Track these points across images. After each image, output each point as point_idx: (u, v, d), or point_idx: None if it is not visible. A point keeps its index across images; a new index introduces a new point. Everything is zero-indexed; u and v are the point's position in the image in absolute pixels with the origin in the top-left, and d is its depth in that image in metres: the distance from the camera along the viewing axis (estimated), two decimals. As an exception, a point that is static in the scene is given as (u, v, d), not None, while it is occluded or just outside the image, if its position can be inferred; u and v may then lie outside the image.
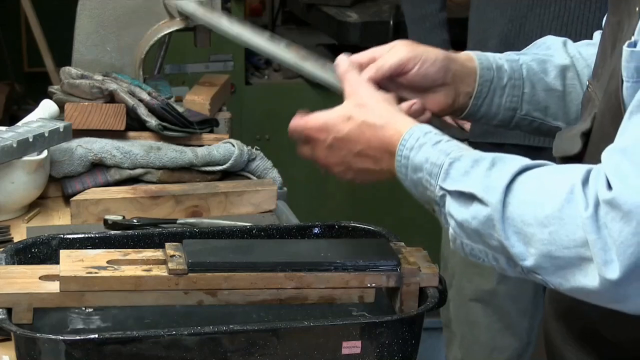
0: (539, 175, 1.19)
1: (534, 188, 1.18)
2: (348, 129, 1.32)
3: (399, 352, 1.30)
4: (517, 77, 1.48)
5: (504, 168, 1.20)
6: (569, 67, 1.50)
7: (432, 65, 1.42)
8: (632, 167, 1.10)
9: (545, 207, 1.15)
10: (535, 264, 1.16)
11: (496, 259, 1.21)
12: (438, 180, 1.23)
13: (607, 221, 1.10)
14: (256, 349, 1.26)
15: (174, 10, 2.24)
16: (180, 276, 1.31)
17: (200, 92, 2.28)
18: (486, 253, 1.21)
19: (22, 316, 1.29)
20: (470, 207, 1.20)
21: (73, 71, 2.12)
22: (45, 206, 1.89)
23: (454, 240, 1.24)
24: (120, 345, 1.22)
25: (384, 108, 1.33)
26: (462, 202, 1.21)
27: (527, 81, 1.48)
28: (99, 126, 1.99)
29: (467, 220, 1.20)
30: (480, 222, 1.19)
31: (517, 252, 1.16)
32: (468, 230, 1.21)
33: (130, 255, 1.36)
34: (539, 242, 1.14)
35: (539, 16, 2.25)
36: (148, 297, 1.32)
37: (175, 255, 1.34)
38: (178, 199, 1.85)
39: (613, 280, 1.10)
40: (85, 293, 1.31)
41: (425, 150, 1.26)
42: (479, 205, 1.19)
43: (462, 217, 1.21)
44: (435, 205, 1.25)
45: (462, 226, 1.21)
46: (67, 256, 1.35)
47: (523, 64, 1.49)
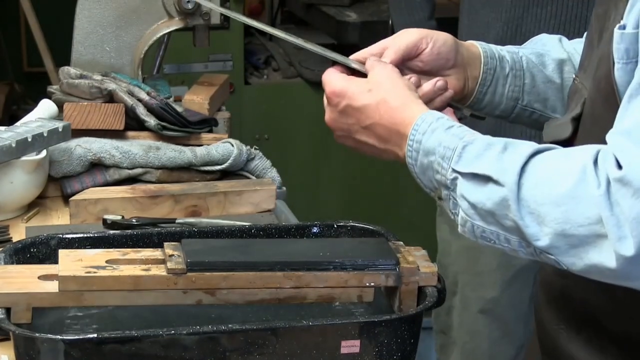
0: (551, 157, 1.21)
1: (546, 169, 1.20)
2: (365, 101, 1.34)
3: (397, 352, 1.30)
4: (518, 67, 1.51)
5: (516, 151, 1.22)
6: (566, 61, 1.53)
7: (444, 45, 1.45)
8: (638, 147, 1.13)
9: (559, 186, 1.17)
10: (549, 244, 1.18)
11: (508, 240, 1.22)
12: (451, 162, 1.25)
13: (618, 198, 1.13)
14: (255, 349, 1.26)
15: (172, 9, 2.24)
16: (179, 276, 1.31)
17: (199, 91, 2.28)
18: (498, 235, 1.23)
19: (21, 316, 1.29)
20: (485, 188, 1.22)
21: (72, 71, 2.12)
22: (44, 206, 1.89)
23: (464, 223, 1.25)
24: (119, 344, 1.22)
25: (404, 91, 1.35)
26: (477, 183, 1.23)
27: (527, 72, 1.51)
28: (98, 126, 1.99)
29: (481, 201, 1.22)
30: (495, 202, 1.21)
31: (531, 232, 1.18)
32: (482, 212, 1.22)
33: (129, 254, 1.36)
34: (553, 221, 1.16)
35: (535, 16, 2.24)
36: (147, 296, 1.32)
37: (174, 255, 1.34)
38: (177, 198, 1.85)
39: (628, 256, 1.13)
40: (84, 293, 1.31)
41: (438, 135, 1.27)
42: (495, 186, 1.21)
43: (476, 198, 1.22)
44: (444, 189, 1.26)
45: (475, 207, 1.23)
46: (66, 256, 1.35)
47: (523, 56, 1.52)
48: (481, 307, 2.46)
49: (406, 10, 2.61)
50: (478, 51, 1.49)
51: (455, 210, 1.26)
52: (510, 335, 2.47)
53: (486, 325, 2.48)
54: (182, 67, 3.46)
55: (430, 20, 2.61)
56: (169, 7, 2.24)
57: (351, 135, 1.37)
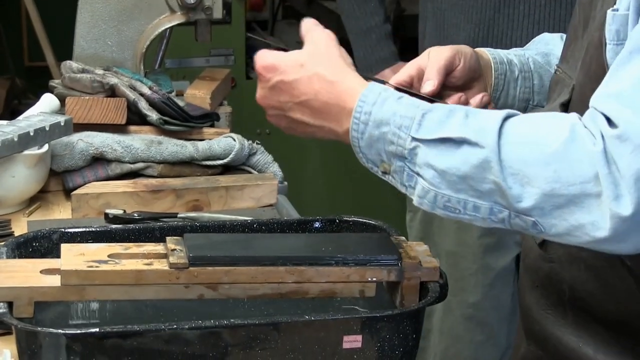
0: (529, 119, 1.19)
1: (528, 129, 1.17)
2: (298, 75, 1.27)
3: (399, 347, 1.30)
4: (526, 69, 1.51)
5: (484, 116, 1.19)
6: None
7: (471, 58, 1.46)
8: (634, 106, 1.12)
9: (546, 145, 1.14)
10: (534, 204, 1.14)
11: (476, 207, 1.18)
12: (410, 131, 1.19)
13: (614, 155, 1.11)
14: (257, 343, 1.26)
15: (174, 4, 2.24)
16: (181, 270, 1.31)
17: (201, 86, 2.28)
18: (465, 203, 1.18)
19: (22, 310, 1.29)
20: (459, 152, 1.17)
21: (74, 65, 2.12)
22: (46, 200, 1.89)
23: (424, 195, 1.19)
24: (120, 339, 1.22)
25: (338, 63, 1.28)
26: (447, 148, 1.18)
27: (536, 73, 1.52)
28: (99, 120, 1.99)
29: (454, 166, 1.17)
30: (473, 165, 1.16)
31: (514, 193, 1.14)
32: (452, 178, 1.17)
33: (131, 249, 1.36)
34: (542, 181, 1.13)
35: (507, 16, 2.22)
36: (149, 290, 1.32)
37: (176, 249, 1.34)
38: (179, 193, 1.85)
39: (624, 215, 1.10)
40: (86, 287, 1.30)
41: (391, 104, 1.22)
42: (471, 149, 1.16)
43: (447, 163, 1.17)
44: (397, 160, 1.21)
45: (445, 174, 1.17)
46: (68, 250, 1.35)
47: (529, 58, 1.52)
48: (463, 311, 2.45)
49: (361, 16, 2.60)
50: (488, 58, 1.49)
51: (411, 183, 1.21)
52: (494, 338, 2.46)
53: (469, 330, 2.47)
54: (184, 61, 3.46)
55: (386, 23, 2.60)
56: (171, 2, 2.24)
57: (284, 113, 1.30)
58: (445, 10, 2.30)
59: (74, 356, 1.21)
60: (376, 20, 2.59)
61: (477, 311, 2.43)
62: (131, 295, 1.32)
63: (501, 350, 2.47)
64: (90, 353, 1.22)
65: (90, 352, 1.22)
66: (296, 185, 2.34)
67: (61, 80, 2.11)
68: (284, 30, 4.00)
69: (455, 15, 2.27)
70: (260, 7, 4.04)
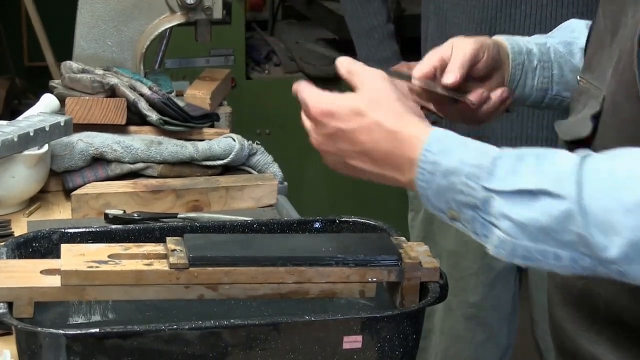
0: (609, 160, 1.13)
1: (608, 174, 1.12)
2: (357, 125, 1.22)
3: (400, 347, 1.30)
4: (545, 59, 1.51)
5: (558, 160, 1.14)
6: None
7: (494, 50, 1.45)
8: None
9: (631, 192, 1.09)
10: (620, 253, 1.09)
11: (558, 256, 1.13)
12: (481, 181, 1.15)
13: None
14: (257, 344, 1.26)
15: (174, 4, 2.24)
16: (181, 270, 1.31)
17: (201, 86, 2.28)
18: (545, 253, 1.13)
19: (23, 310, 1.28)
20: (537, 204, 1.12)
21: (74, 65, 2.12)
22: (46, 200, 1.89)
23: (502, 245, 1.15)
24: (121, 339, 1.22)
25: (398, 110, 1.22)
26: (524, 200, 1.13)
27: (555, 63, 1.51)
28: (99, 120, 1.99)
29: (534, 218, 1.12)
30: (554, 217, 1.11)
31: (598, 244, 1.09)
32: (532, 230, 1.12)
33: (131, 249, 1.36)
34: (628, 230, 1.08)
35: (509, 16, 2.22)
36: (149, 291, 1.32)
37: (176, 250, 1.34)
38: (179, 193, 1.85)
39: None
40: (86, 287, 1.30)
41: (457, 152, 1.17)
42: (551, 200, 1.11)
43: (525, 216, 1.12)
44: (468, 210, 1.16)
45: (523, 226, 1.13)
46: (68, 250, 1.35)
47: (550, 47, 1.52)
48: (464, 311, 2.45)
49: (363, 16, 2.60)
50: (506, 47, 1.48)
51: (485, 232, 1.16)
52: (495, 338, 2.46)
53: (470, 330, 2.47)
54: (184, 61, 3.46)
55: (389, 23, 2.61)
56: (171, 2, 2.24)
57: (343, 161, 1.25)
58: (447, 10, 2.31)
59: (74, 356, 1.21)
60: (379, 20, 2.59)
61: (477, 311, 2.43)
62: (131, 296, 1.32)
63: (501, 350, 2.47)
64: (90, 353, 1.21)
65: (90, 352, 1.22)
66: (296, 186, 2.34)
67: (61, 80, 2.11)
68: (283, 30, 4.00)
69: (457, 15, 2.27)
70: (260, 7, 4.05)
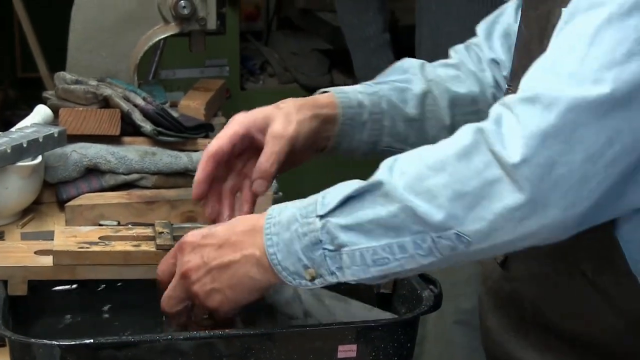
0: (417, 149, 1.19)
1: (413, 153, 1.18)
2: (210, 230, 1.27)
3: (394, 356, 1.30)
4: (377, 111, 1.47)
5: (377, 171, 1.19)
6: (427, 94, 1.51)
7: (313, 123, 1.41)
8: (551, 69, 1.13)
9: (435, 154, 1.14)
10: (447, 215, 1.12)
11: (402, 246, 1.16)
12: (316, 212, 1.19)
13: (524, 117, 1.10)
14: (252, 353, 1.26)
15: (168, 15, 2.24)
16: (167, 251, 1.35)
17: (196, 97, 2.28)
18: (391, 247, 1.16)
19: (17, 288, 1.37)
20: (362, 202, 1.17)
21: (67, 76, 2.11)
22: (40, 212, 1.89)
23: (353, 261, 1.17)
24: (115, 350, 1.22)
25: None
26: (352, 204, 1.17)
27: (387, 114, 1.48)
28: (93, 131, 1.99)
29: (364, 213, 1.16)
30: (378, 205, 1.16)
31: (424, 210, 1.13)
32: (368, 227, 1.16)
33: (121, 232, 1.45)
34: (442, 188, 1.12)
35: None
36: (137, 270, 1.38)
37: (164, 232, 1.42)
38: (173, 204, 1.85)
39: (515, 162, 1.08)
40: (76, 266, 1.37)
41: (293, 204, 1.22)
42: (372, 193, 1.16)
43: (357, 216, 1.16)
44: (316, 251, 1.18)
45: (360, 227, 1.16)
46: (61, 232, 1.44)
47: (383, 97, 1.48)
48: (457, 317, 2.45)
49: (359, 25, 2.61)
50: (335, 102, 1.44)
51: (337, 263, 1.18)
52: None
53: (463, 336, 2.47)
54: (178, 72, 3.47)
55: (384, 33, 2.61)
56: (165, 13, 2.24)
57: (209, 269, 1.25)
58: (439, 19, 2.31)
59: (68, 367, 1.21)
60: (374, 30, 2.60)
61: (471, 317, 2.43)
62: (120, 275, 1.39)
63: None
64: (85, 364, 1.22)
65: (85, 363, 1.22)
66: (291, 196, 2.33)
67: (54, 91, 2.11)
68: (278, 41, 4.01)
69: (449, 24, 2.28)
70: (255, 18, 4.05)
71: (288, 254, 1.20)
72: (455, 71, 1.56)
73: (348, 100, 1.45)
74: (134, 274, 1.39)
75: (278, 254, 1.20)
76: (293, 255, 1.19)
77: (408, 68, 1.54)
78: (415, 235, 1.15)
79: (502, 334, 1.39)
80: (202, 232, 1.28)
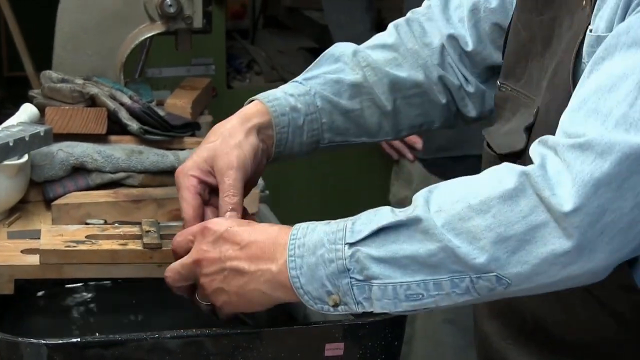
0: (453, 182, 1.16)
1: (449, 188, 1.14)
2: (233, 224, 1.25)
3: (382, 354, 1.30)
4: (312, 111, 1.45)
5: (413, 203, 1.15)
6: (362, 83, 1.48)
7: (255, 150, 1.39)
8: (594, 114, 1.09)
9: (478, 195, 1.11)
10: (489, 257, 1.10)
11: (439, 284, 1.13)
12: (345, 240, 1.16)
13: (571, 163, 1.07)
14: (239, 352, 1.26)
15: (154, 13, 2.24)
16: (154, 250, 1.34)
17: (182, 95, 2.28)
18: (426, 284, 1.14)
19: (4, 287, 1.37)
20: (398, 235, 1.14)
21: (53, 75, 2.11)
22: (26, 210, 1.88)
23: (383, 294, 1.15)
24: (102, 348, 1.22)
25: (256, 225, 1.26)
26: (386, 236, 1.14)
27: (323, 112, 1.46)
28: (80, 130, 1.98)
29: (400, 248, 1.13)
30: (416, 241, 1.13)
31: (464, 251, 1.11)
32: (403, 261, 1.13)
33: (108, 230, 1.45)
34: (485, 230, 1.10)
35: None
36: (124, 269, 1.38)
37: (150, 231, 1.42)
38: (160, 202, 1.85)
39: (567, 211, 1.06)
40: (64, 265, 1.37)
41: (321, 228, 1.19)
42: (409, 227, 1.13)
43: (391, 249, 1.14)
44: (342, 279, 1.15)
45: (394, 260, 1.14)
46: (47, 231, 1.44)
47: (316, 94, 1.45)
48: (445, 316, 2.45)
49: (346, 24, 2.61)
50: (267, 112, 1.41)
51: (364, 294, 1.16)
52: None
53: (451, 335, 2.47)
54: (165, 71, 3.46)
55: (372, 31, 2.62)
56: (151, 11, 2.24)
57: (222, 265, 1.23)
58: None
59: (55, 366, 1.21)
60: (362, 29, 2.60)
61: (459, 316, 2.44)
62: (107, 274, 1.39)
63: None
64: (72, 363, 1.22)
65: (72, 362, 1.22)
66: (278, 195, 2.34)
67: (41, 90, 2.10)
68: (264, 39, 4.00)
69: None
70: (241, 16, 4.04)
71: (312, 278, 1.17)
72: (393, 53, 1.51)
73: (281, 108, 1.42)
74: (121, 272, 1.39)
75: (301, 278, 1.18)
76: (317, 280, 1.17)
77: (339, 56, 1.49)
78: (454, 275, 1.12)
79: (499, 341, 1.38)
80: (228, 224, 1.25)
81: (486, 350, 1.42)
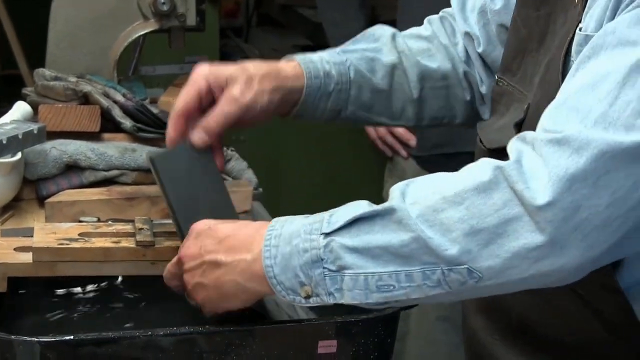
0: (431, 176, 1.17)
1: (426, 180, 1.15)
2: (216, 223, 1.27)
3: (374, 351, 1.31)
4: (344, 81, 1.46)
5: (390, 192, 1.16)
6: (397, 65, 1.50)
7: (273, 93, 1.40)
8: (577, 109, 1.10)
9: (452, 187, 1.12)
10: (461, 249, 1.10)
11: (410, 276, 1.14)
12: (321, 230, 1.16)
13: (546, 155, 1.07)
14: (232, 349, 1.26)
15: (148, 11, 2.24)
16: (147, 247, 1.35)
17: (175, 93, 2.27)
18: (397, 276, 1.14)
19: None
20: (373, 225, 1.14)
21: (47, 73, 2.11)
22: (20, 208, 1.88)
23: (354, 284, 1.15)
24: (95, 346, 1.22)
25: None
26: (361, 226, 1.15)
27: (354, 84, 1.47)
28: (73, 128, 1.98)
29: (373, 238, 1.14)
30: (389, 230, 1.13)
31: (437, 243, 1.11)
32: (376, 251, 1.14)
33: (101, 228, 1.45)
34: (458, 222, 1.10)
35: None
36: (117, 267, 1.39)
37: (143, 229, 1.42)
38: (153, 200, 1.85)
39: (541, 204, 1.06)
40: (57, 263, 1.37)
41: (299, 220, 1.20)
42: (384, 217, 1.14)
43: (365, 239, 1.14)
44: (315, 269, 1.16)
45: (367, 250, 1.14)
46: (40, 229, 1.44)
47: (350, 66, 1.47)
48: (439, 313, 2.45)
49: (341, 22, 2.61)
50: (300, 72, 1.43)
51: (337, 285, 1.16)
52: None
53: (444, 332, 2.47)
54: (158, 68, 3.46)
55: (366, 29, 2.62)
56: (144, 9, 2.24)
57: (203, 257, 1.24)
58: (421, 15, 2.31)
59: (48, 364, 1.21)
60: (356, 26, 2.60)
61: (452, 314, 2.44)
62: (100, 272, 1.39)
63: None
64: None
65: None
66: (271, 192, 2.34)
67: (34, 87, 2.10)
68: (258, 37, 4.00)
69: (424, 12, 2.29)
70: (235, 14, 4.04)
71: (285, 268, 1.18)
72: (427, 44, 1.54)
73: (315, 71, 1.44)
74: (114, 270, 1.39)
75: (275, 267, 1.18)
76: (290, 270, 1.17)
77: (379, 37, 1.52)
78: (425, 266, 1.13)
79: (486, 336, 1.38)
80: (210, 223, 1.27)
81: (474, 346, 1.42)
